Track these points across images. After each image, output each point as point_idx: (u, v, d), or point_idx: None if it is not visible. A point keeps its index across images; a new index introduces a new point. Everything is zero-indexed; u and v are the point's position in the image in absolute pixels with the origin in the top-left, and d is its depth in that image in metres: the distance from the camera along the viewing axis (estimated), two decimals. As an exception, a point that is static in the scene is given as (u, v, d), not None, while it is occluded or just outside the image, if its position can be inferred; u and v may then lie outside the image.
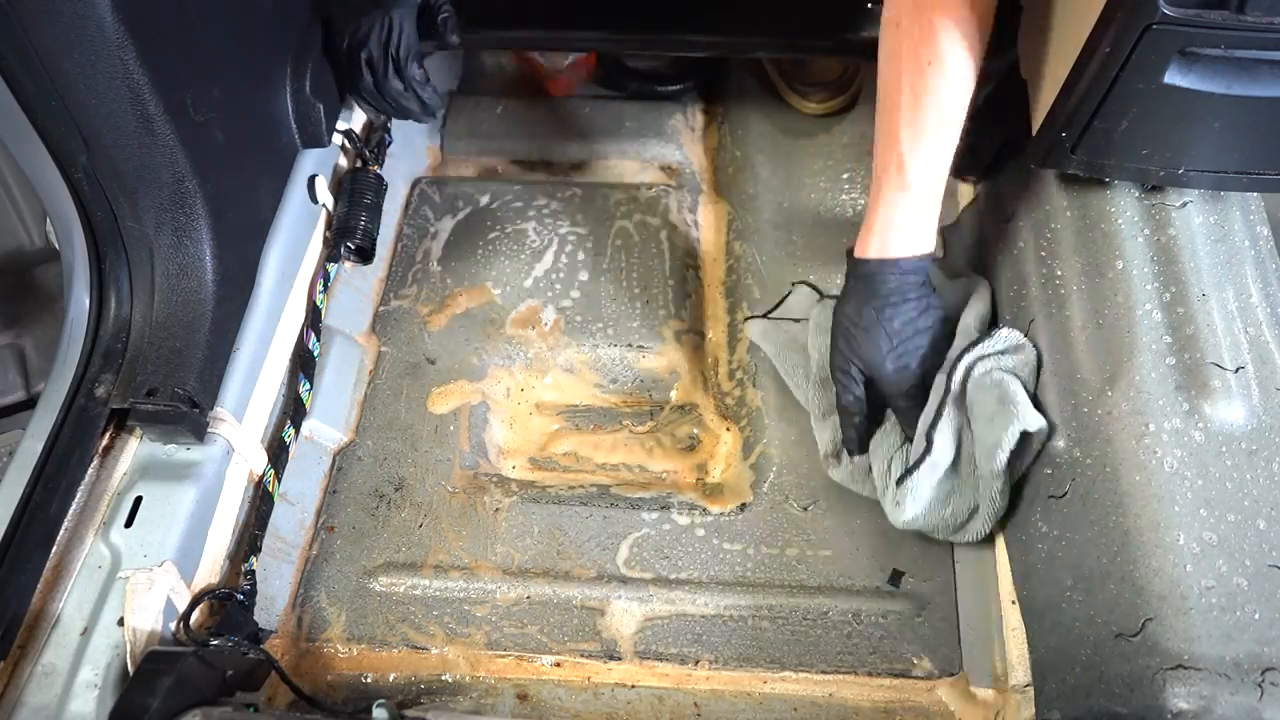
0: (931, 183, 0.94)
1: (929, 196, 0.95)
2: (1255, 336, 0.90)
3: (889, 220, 0.95)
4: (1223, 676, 0.76)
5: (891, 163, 0.93)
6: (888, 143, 0.93)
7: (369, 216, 1.19)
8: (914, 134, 0.91)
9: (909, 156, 0.92)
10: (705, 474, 1.15)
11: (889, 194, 0.94)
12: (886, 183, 0.94)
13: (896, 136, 0.92)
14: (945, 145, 0.93)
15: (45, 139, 0.82)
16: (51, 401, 0.90)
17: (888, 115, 0.93)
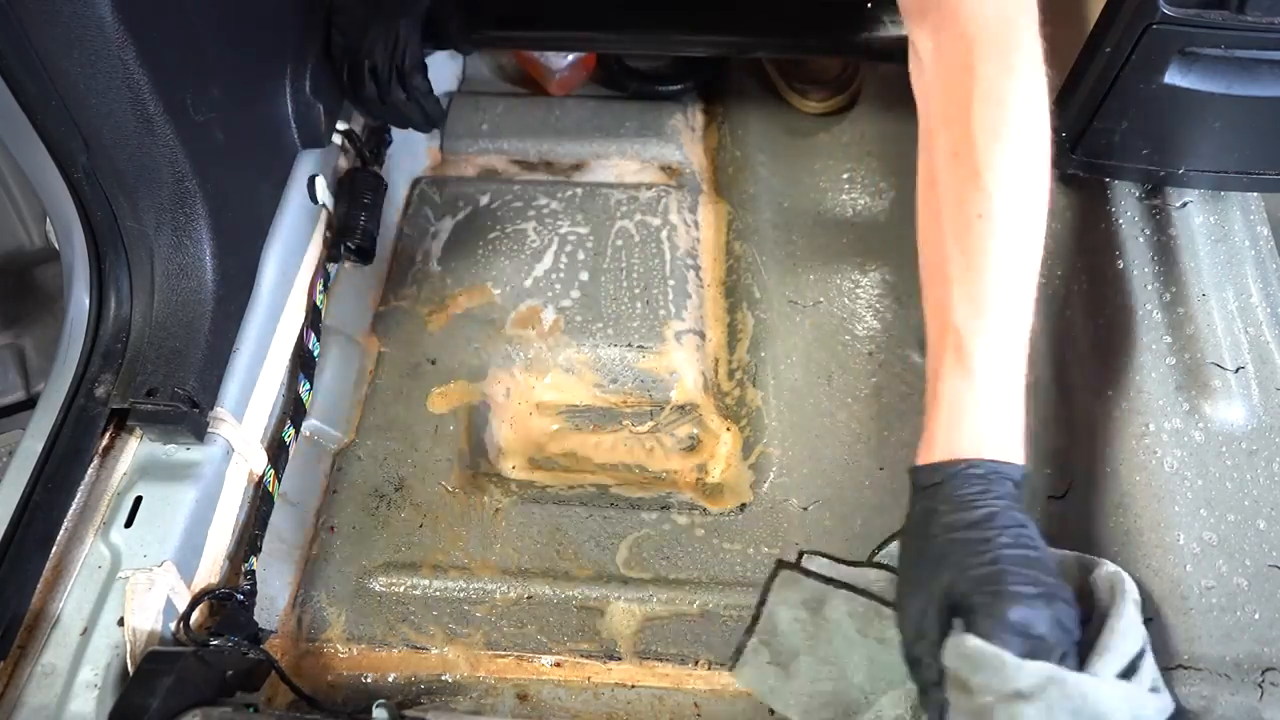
0: (1006, 371, 0.71)
1: (1005, 388, 0.71)
2: (1255, 336, 0.90)
3: (955, 419, 0.71)
4: (1223, 676, 0.76)
5: (947, 344, 0.71)
6: (939, 316, 0.72)
7: (369, 216, 1.19)
8: (974, 311, 0.70)
9: (969, 336, 0.70)
10: (705, 474, 1.14)
11: (950, 384, 0.71)
12: (944, 371, 0.71)
13: (949, 308, 0.71)
14: (1016, 322, 0.71)
15: (45, 139, 0.81)
16: (51, 401, 0.90)
17: (933, 277, 0.73)
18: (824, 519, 1.05)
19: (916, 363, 1.16)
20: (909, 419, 1.12)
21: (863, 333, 1.19)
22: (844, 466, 1.09)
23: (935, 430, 0.72)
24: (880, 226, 1.29)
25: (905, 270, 1.24)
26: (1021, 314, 0.71)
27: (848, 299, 1.22)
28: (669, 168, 1.41)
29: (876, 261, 1.25)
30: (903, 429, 1.11)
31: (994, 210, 0.70)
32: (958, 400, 0.71)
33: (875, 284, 1.23)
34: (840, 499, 1.07)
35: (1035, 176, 0.71)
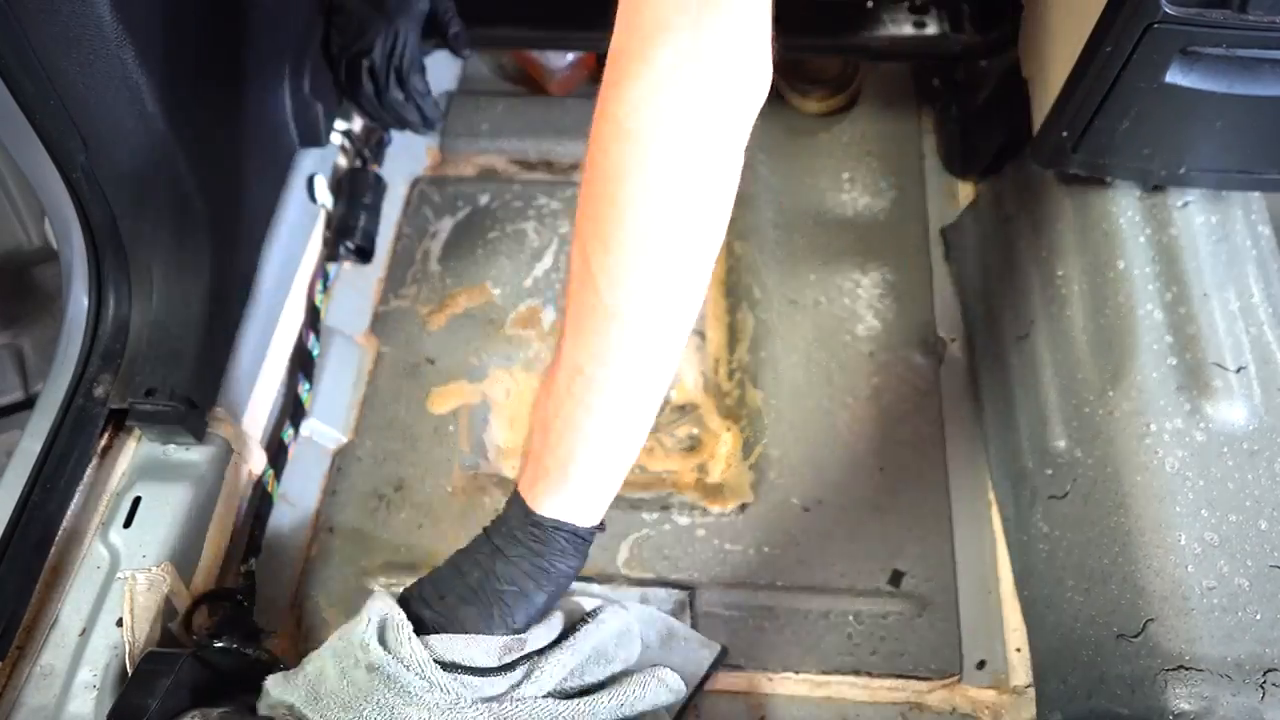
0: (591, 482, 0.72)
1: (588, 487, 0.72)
2: (1257, 336, 0.90)
3: (557, 483, 0.72)
4: (1224, 677, 0.76)
5: (542, 425, 0.71)
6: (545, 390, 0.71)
7: (368, 216, 1.19)
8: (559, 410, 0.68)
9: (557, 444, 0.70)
10: (705, 474, 1.14)
11: (538, 449, 0.72)
12: (537, 436, 0.72)
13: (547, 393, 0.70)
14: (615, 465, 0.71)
15: (44, 139, 0.81)
16: (50, 401, 0.90)
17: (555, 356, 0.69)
18: (824, 519, 1.05)
19: (917, 363, 1.16)
20: (909, 419, 1.12)
21: (863, 333, 1.19)
22: (844, 466, 1.09)
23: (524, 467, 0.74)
24: (880, 226, 1.29)
25: (905, 270, 1.24)
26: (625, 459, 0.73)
27: (848, 299, 1.22)
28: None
29: (876, 261, 1.25)
30: (902, 429, 1.11)
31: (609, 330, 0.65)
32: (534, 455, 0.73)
33: (875, 284, 1.23)
34: (840, 499, 1.06)
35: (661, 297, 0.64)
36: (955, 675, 0.96)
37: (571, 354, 0.66)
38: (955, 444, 1.10)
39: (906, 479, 1.08)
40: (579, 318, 0.65)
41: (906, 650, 0.97)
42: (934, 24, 1.25)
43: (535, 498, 0.73)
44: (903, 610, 0.99)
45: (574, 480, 0.71)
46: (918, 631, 0.98)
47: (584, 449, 0.70)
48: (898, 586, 1.01)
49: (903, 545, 1.03)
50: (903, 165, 1.35)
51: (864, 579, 1.02)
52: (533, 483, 0.73)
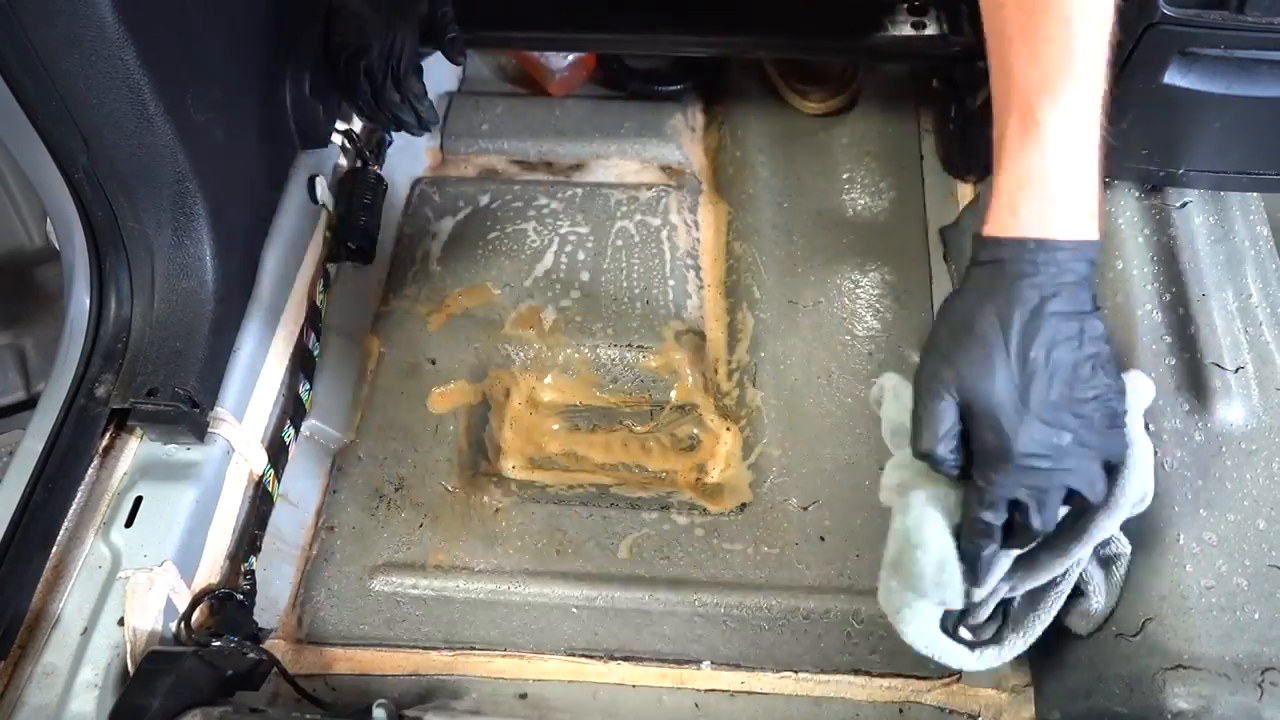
0: (1078, 145, 0.65)
1: (1077, 161, 0.65)
2: (1255, 337, 0.90)
3: (1020, 192, 0.66)
4: (1222, 676, 0.76)
5: (1013, 108, 0.66)
6: (1004, 75, 0.67)
7: (369, 216, 1.19)
8: (1038, 69, 0.65)
9: (1036, 99, 0.65)
10: (705, 474, 1.15)
11: (1016, 153, 0.66)
12: (1008, 137, 0.66)
13: (1011, 68, 0.66)
14: (1089, 81, 0.65)
15: (45, 139, 0.81)
16: (51, 401, 0.90)
17: (994, 31, 0.67)
18: (824, 519, 1.06)
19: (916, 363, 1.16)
20: (909, 419, 1.12)
21: (863, 333, 1.19)
22: (844, 466, 1.09)
23: (1000, 202, 0.67)
24: (880, 226, 1.29)
25: (905, 270, 1.24)
26: (1093, 75, 0.65)
27: (848, 299, 1.22)
28: (669, 168, 1.41)
29: (876, 261, 1.25)
30: (903, 429, 1.11)
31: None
32: (1024, 172, 0.66)
33: (875, 284, 1.23)
34: (840, 499, 1.07)
35: None
36: (955, 674, 0.96)
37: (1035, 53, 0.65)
38: (955, 444, 1.10)
39: (906, 479, 1.08)
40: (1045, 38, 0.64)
41: (906, 649, 0.97)
42: (933, 25, 1.25)
43: None
44: (902, 610, 0.99)
45: None
46: (917, 631, 0.98)
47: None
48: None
49: (902, 545, 1.03)
50: (902, 165, 1.35)
51: (863, 578, 1.02)
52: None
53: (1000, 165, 0.67)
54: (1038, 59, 0.65)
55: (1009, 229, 0.67)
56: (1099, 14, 0.65)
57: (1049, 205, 0.65)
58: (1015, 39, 0.66)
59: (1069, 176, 0.65)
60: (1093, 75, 0.65)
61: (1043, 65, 0.65)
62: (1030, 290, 0.66)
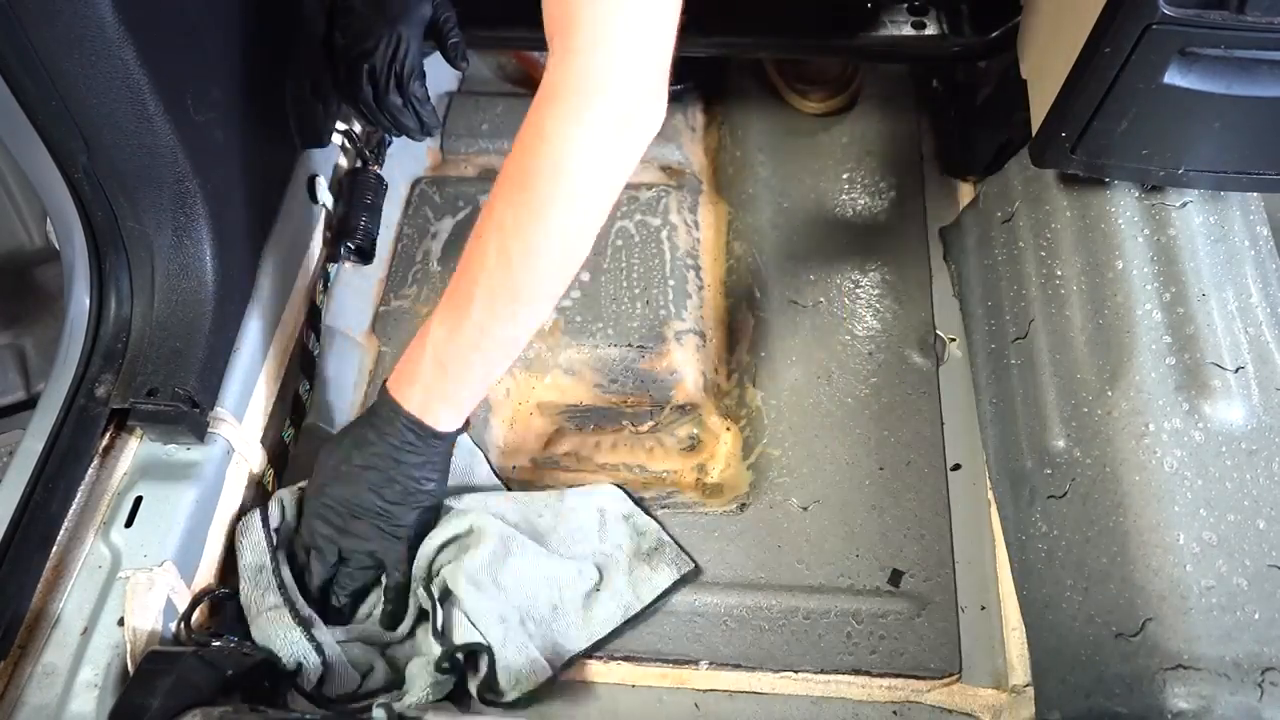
0: (472, 380, 0.87)
1: (466, 388, 0.87)
2: (1255, 336, 0.90)
3: (411, 372, 0.87)
4: (1223, 676, 0.76)
5: (434, 321, 0.86)
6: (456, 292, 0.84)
7: (369, 216, 1.19)
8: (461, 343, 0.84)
9: (435, 333, 0.85)
10: (705, 474, 1.14)
11: (417, 348, 0.87)
12: (424, 334, 0.86)
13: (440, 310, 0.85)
14: (491, 356, 0.86)
15: (45, 139, 0.81)
16: (51, 401, 0.90)
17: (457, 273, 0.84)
18: (824, 519, 1.06)
19: (916, 362, 1.16)
20: (909, 419, 1.12)
21: (863, 333, 1.19)
22: (844, 466, 1.09)
23: (408, 377, 0.87)
24: (880, 226, 1.29)
25: (905, 270, 1.24)
26: (501, 355, 0.87)
27: (848, 299, 1.22)
28: (669, 168, 1.41)
29: (876, 261, 1.25)
30: (903, 429, 1.11)
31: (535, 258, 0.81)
32: (419, 364, 0.86)
33: (875, 284, 1.23)
34: (840, 499, 1.07)
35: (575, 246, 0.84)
36: (954, 674, 0.96)
37: (470, 309, 0.83)
38: (955, 444, 1.10)
39: (906, 479, 1.08)
40: (491, 290, 0.82)
41: (906, 649, 0.97)
42: (933, 25, 1.25)
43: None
44: (902, 610, 0.99)
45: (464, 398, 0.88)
46: (917, 631, 0.98)
47: (470, 378, 0.87)
48: (897, 586, 1.01)
49: (902, 545, 1.04)
50: (902, 165, 1.35)
51: (863, 578, 1.02)
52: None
53: (422, 353, 0.86)
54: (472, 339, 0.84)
55: (409, 406, 0.87)
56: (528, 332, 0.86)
57: (432, 404, 0.87)
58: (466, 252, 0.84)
59: (457, 396, 0.87)
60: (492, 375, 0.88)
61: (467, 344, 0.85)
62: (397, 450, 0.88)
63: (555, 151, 0.77)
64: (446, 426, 0.89)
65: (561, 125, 0.76)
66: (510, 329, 0.85)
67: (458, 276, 0.84)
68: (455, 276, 0.85)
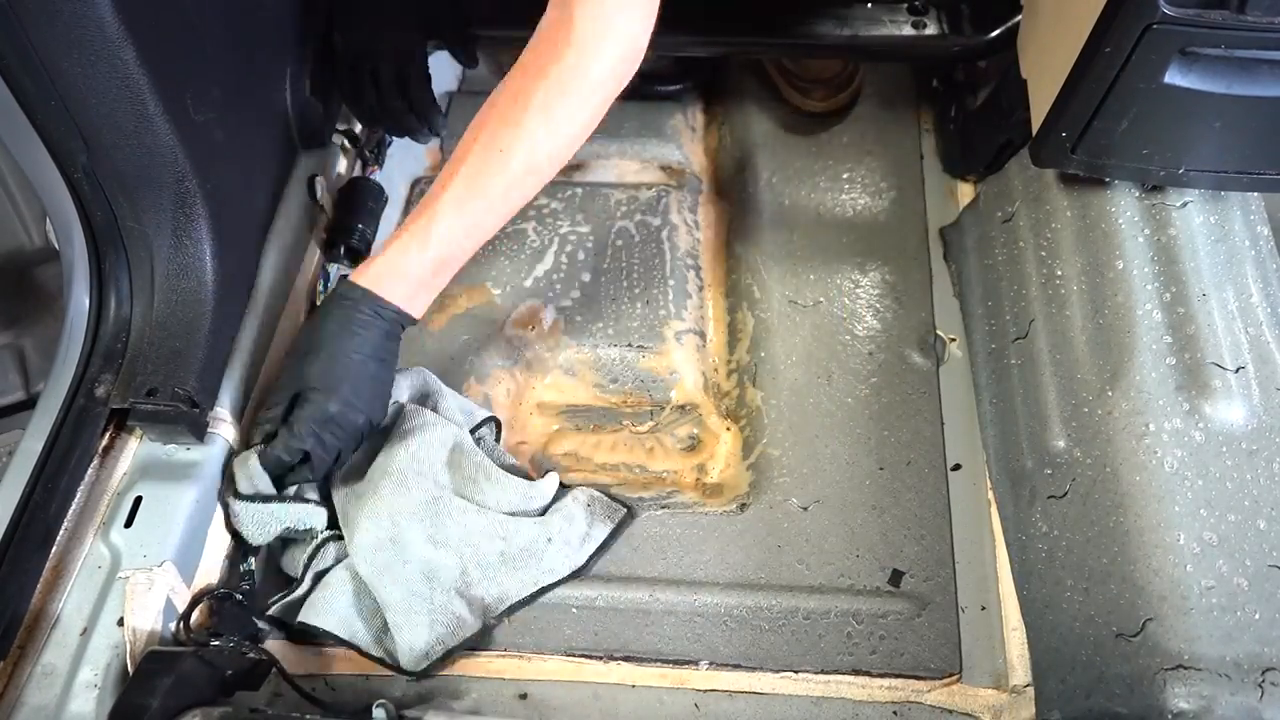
0: (446, 256, 0.93)
1: (439, 267, 0.93)
2: (1255, 336, 0.90)
3: (394, 264, 0.93)
4: (1223, 676, 0.76)
5: (424, 215, 0.92)
6: (432, 196, 0.92)
7: (367, 219, 1.19)
8: (456, 207, 0.91)
9: (438, 222, 0.91)
10: (705, 474, 1.14)
11: (405, 242, 0.92)
12: (409, 231, 0.92)
13: (439, 197, 0.91)
14: (478, 231, 0.93)
15: (45, 139, 0.81)
16: (51, 401, 0.90)
17: (445, 173, 0.92)
18: (824, 519, 1.05)
19: (916, 362, 1.16)
20: (909, 419, 1.12)
21: (863, 333, 1.19)
22: (844, 466, 1.09)
23: (375, 263, 0.93)
24: (880, 226, 1.29)
25: (905, 270, 1.24)
26: (484, 231, 0.93)
27: (848, 299, 1.22)
28: (669, 168, 1.41)
29: (876, 261, 1.25)
30: (902, 429, 1.11)
31: (512, 156, 0.91)
32: (405, 255, 0.92)
33: (875, 284, 1.23)
34: (840, 499, 1.07)
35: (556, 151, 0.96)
36: (955, 675, 0.96)
37: (463, 194, 0.91)
38: (955, 444, 1.10)
39: (906, 479, 1.08)
40: (484, 167, 0.91)
41: (906, 650, 0.97)
42: (933, 24, 1.25)
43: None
44: (902, 610, 0.99)
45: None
46: (917, 631, 0.98)
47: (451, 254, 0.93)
48: (897, 586, 1.01)
49: (902, 545, 1.04)
50: (903, 165, 1.35)
51: (863, 579, 1.02)
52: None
53: (391, 241, 0.93)
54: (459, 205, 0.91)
55: (369, 284, 0.92)
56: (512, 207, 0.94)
57: (399, 284, 0.92)
58: (459, 178, 0.91)
59: (426, 279, 0.93)
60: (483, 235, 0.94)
61: (460, 210, 0.91)
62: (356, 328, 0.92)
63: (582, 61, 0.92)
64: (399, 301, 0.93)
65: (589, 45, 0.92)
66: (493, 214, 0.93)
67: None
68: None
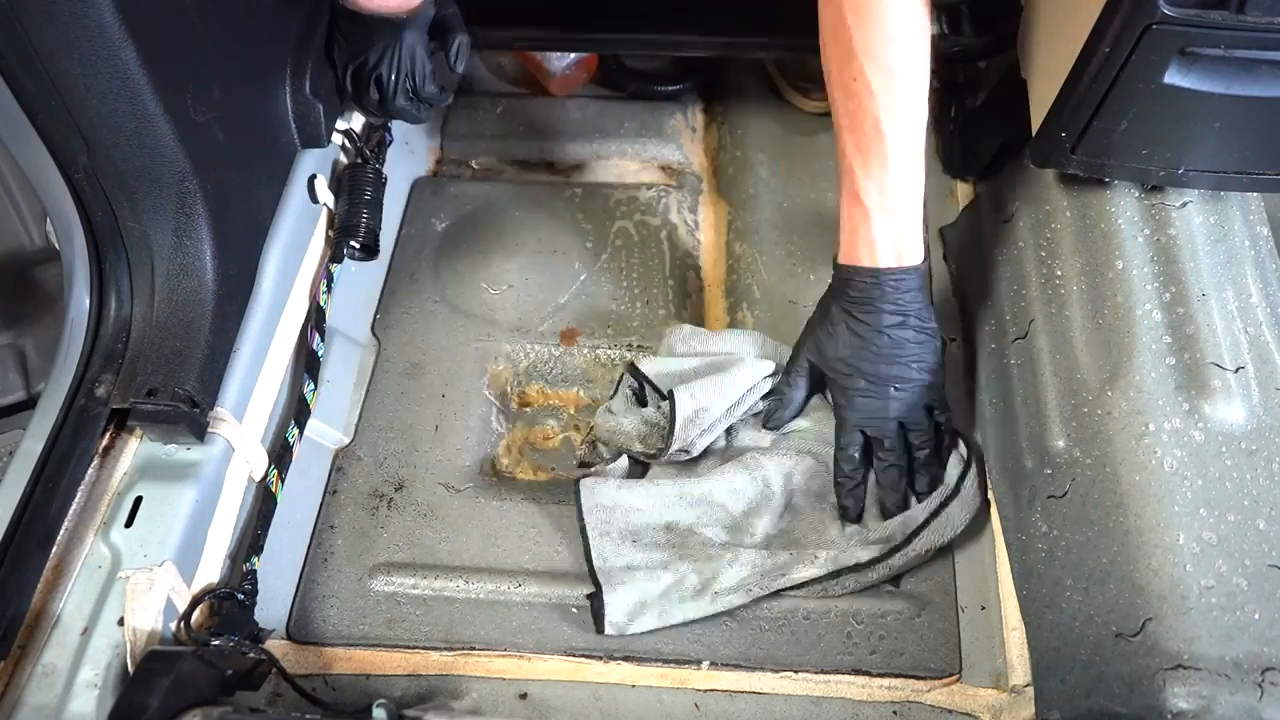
0: (890, 201, 0.93)
1: (890, 211, 0.94)
2: (1255, 336, 0.90)
3: (851, 234, 0.96)
4: (1222, 676, 0.76)
5: (845, 180, 0.94)
6: (841, 152, 0.94)
7: (370, 213, 1.19)
8: (861, 156, 0.92)
9: (861, 179, 0.93)
10: (705, 474, 1.14)
11: (847, 208, 0.95)
12: (844, 197, 0.95)
13: (845, 152, 0.94)
14: (901, 163, 0.92)
15: (45, 139, 0.81)
16: (51, 401, 0.90)
17: (838, 122, 0.94)
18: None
19: (916, 363, 1.16)
20: (909, 419, 1.12)
21: (863, 333, 1.19)
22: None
23: (841, 239, 0.97)
24: (880, 226, 1.29)
25: (905, 270, 1.24)
26: (907, 157, 0.92)
27: (848, 299, 1.22)
28: (669, 168, 1.41)
29: (876, 261, 1.25)
30: (903, 429, 1.11)
31: (867, 80, 0.90)
32: (853, 222, 0.95)
33: (875, 284, 1.23)
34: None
35: (905, 55, 0.90)
36: (954, 674, 0.96)
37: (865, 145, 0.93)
38: (955, 444, 1.10)
39: (906, 479, 1.07)
40: (858, 107, 0.92)
41: (906, 649, 0.97)
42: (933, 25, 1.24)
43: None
44: (902, 610, 1.00)
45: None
46: (917, 631, 0.98)
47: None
48: (897, 586, 1.01)
49: (902, 545, 1.03)
50: (902, 165, 1.34)
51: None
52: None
53: (842, 220, 0.97)
54: (859, 148, 0.92)
55: (847, 260, 0.97)
56: (904, 116, 0.91)
57: (873, 246, 0.95)
58: (844, 128, 0.94)
59: (888, 226, 0.94)
60: (904, 154, 0.92)
61: (862, 154, 0.92)
62: (864, 299, 0.97)
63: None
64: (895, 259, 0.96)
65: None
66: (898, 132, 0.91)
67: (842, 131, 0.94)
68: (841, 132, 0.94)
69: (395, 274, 1.28)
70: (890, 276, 0.95)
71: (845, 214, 0.96)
